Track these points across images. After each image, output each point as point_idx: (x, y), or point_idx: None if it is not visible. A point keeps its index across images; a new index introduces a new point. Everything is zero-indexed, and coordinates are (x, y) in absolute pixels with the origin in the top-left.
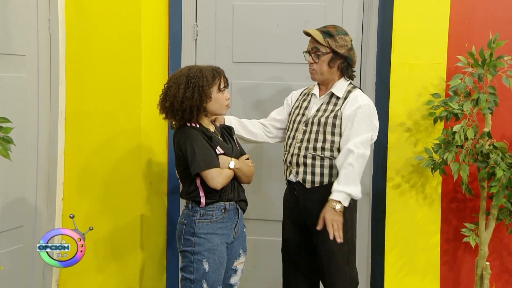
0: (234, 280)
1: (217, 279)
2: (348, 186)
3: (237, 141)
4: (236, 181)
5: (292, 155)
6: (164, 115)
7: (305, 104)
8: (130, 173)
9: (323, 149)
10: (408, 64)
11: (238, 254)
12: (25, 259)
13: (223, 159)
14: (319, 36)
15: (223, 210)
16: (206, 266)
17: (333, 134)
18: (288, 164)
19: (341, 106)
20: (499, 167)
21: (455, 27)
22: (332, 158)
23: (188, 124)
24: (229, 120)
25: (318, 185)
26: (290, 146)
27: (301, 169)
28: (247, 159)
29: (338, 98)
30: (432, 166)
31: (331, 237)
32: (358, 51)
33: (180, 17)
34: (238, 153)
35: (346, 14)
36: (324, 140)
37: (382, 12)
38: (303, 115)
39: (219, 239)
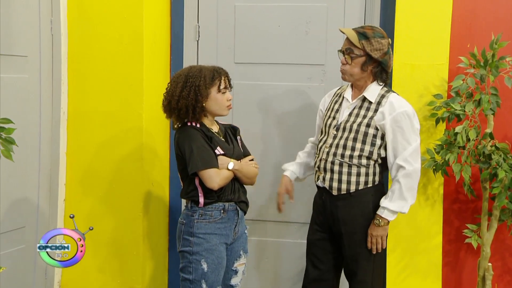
0: (235, 281)
1: (216, 279)
2: (392, 202)
3: (241, 142)
4: (237, 182)
5: (320, 160)
6: (165, 114)
7: (336, 106)
8: (132, 173)
9: (351, 157)
10: (410, 64)
11: (239, 255)
12: (27, 260)
13: (222, 159)
14: (354, 37)
15: (222, 211)
16: (204, 266)
17: (363, 142)
18: (317, 169)
19: (374, 113)
20: (501, 168)
21: (457, 28)
22: (360, 166)
23: (189, 124)
24: (290, 170)
25: (344, 192)
26: (320, 150)
27: (328, 175)
28: (252, 160)
29: (370, 102)
30: (434, 167)
31: (374, 252)
32: None
33: (182, 18)
34: (240, 154)
35: (348, 15)
36: (353, 148)
37: (383, 13)
38: (334, 118)
39: (218, 239)
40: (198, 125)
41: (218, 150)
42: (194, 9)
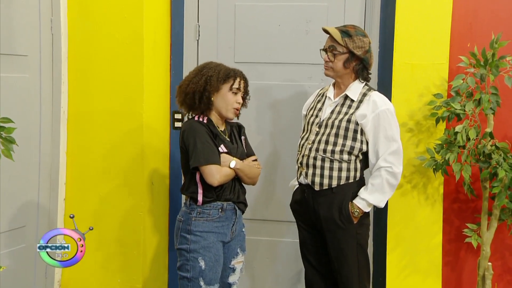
0: (232, 279)
1: (214, 277)
2: (372, 195)
3: (246, 141)
4: (238, 182)
5: (303, 156)
6: (177, 102)
7: (319, 105)
8: (132, 173)
9: (333, 152)
10: (410, 64)
11: (236, 253)
12: (27, 259)
13: (224, 157)
14: (337, 35)
15: (220, 210)
16: (202, 264)
17: (344, 137)
18: (299, 165)
19: (355, 110)
20: (501, 167)
21: (457, 27)
22: (341, 161)
23: (196, 118)
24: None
25: (326, 187)
26: (302, 147)
27: (311, 170)
28: (255, 160)
29: (352, 100)
30: (434, 167)
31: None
32: None
33: (182, 17)
34: (243, 154)
35: (348, 14)
36: (335, 143)
37: (384, 12)
38: (316, 116)
39: (215, 238)
40: (205, 121)
41: (222, 148)
42: (194, 9)
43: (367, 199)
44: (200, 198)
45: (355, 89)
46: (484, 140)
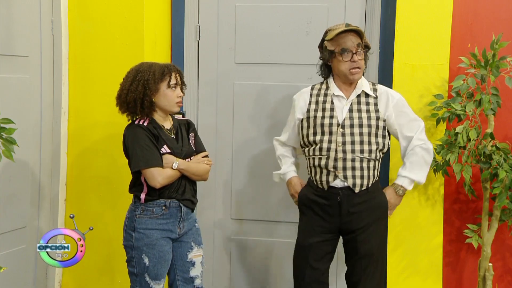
0: (194, 273)
1: (159, 272)
2: (412, 172)
3: (195, 138)
4: (186, 180)
5: (335, 160)
6: (119, 110)
7: (328, 106)
8: None
9: (370, 151)
10: (411, 65)
11: (190, 247)
12: (28, 260)
13: (167, 159)
14: (362, 33)
15: (163, 207)
16: (146, 260)
17: (376, 135)
18: (332, 169)
19: (376, 106)
20: (501, 168)
21: (457, 28)
22: (376, 160)
23: (136, 122)
24: (292, 170)
25: (365, 188)
26: (329, 151)
27: (350, 173)
28: (206, 156)
29: (367, 96)
30: (435, 167)
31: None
32: None
33: (182, 18)
34: (190, 152)
35: (349, 15)
36: (369, 143)
37: (384, 13)
38: (331, 117)
39: (159, 235)
40: (145, 123)
41: (164, 149)
42: (195, 9)
43: (409, 176)
44: (142, 196)
45: (366, 85)
46: (484, 141)
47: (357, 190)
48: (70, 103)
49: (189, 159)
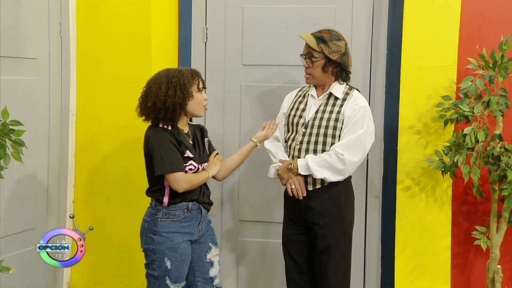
0: (213, 272)
1: (180, 275)
2: (314, 163)
3: (210, 144)
4: (203, 184)
5: (292, 157)
6: (144, 117)
7: (301, 106)
8: (140, 175)
9: (323, 151)
10: (418, 66)
11: (208, 247)
12: (36, 261)
13: (200, 175)
14: (312, 42)
15: (185, 210)
16: (168, 263)
17: (333, 136)
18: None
19: (340, 108)
20: (510, 169)
21: (465, 29)
22: None
23: (161, 125)
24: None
25: (319, 186)
26: (290, 148)
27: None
28: (217, 154)
29: (337, 99)
30: (443, 169)
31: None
32: (368, 53)
33: (190, 20)
34: (205, 158)
35: (356, 16)
36: (324, 143)
37: (392, 14)
38: (300, 117)
39: (181, 238)
40: (170, 127)
41: (188, 154)
42: (202, 11)
43: (309, 162)
44: (166, 199)
45: (338, 88)
46: (493, 142)
47: (309, 188)
48: (78, 105)
49: (206, 164)
